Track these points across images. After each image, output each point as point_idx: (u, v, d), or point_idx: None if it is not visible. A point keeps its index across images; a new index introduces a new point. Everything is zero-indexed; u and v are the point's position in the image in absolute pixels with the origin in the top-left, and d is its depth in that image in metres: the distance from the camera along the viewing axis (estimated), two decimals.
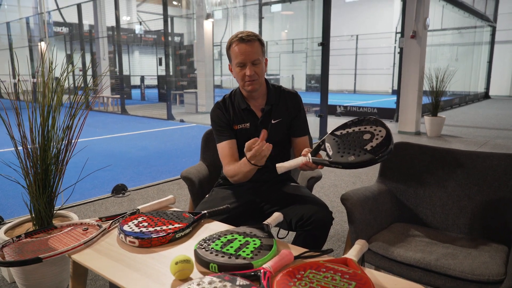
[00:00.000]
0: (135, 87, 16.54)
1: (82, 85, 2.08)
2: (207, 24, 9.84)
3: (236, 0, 12.05)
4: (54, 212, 1.98)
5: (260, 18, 11.27)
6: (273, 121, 1.82)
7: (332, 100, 13.52)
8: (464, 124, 8.49)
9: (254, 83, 1.72)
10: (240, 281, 1.05)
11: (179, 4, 19.30)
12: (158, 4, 9.11)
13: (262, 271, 1.11)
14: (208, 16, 9.65)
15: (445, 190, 1.89)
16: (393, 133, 7.25)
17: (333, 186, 3.91)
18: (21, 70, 2.37)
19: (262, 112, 1.81)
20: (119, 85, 11.02)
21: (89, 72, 11.60)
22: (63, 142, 1.91)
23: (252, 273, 1.11)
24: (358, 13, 19.34)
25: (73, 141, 1.94)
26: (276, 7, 17.43)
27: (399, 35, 7.27)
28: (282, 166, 1.51)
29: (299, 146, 1.85)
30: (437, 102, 6.79)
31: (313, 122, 6.83)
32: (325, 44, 6.11)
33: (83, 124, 1.93)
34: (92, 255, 1.30)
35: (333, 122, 8.71)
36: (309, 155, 1.49)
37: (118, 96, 11.01)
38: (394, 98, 9.16)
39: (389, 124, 8.45)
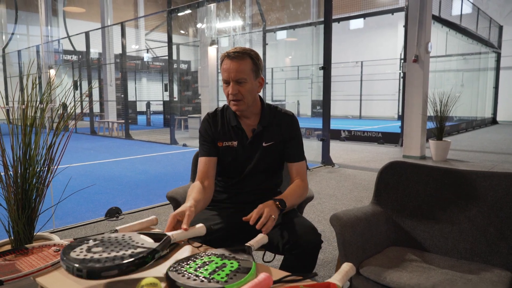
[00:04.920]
0: (141, 113, 16.70)
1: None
2: (211, 51, 9.97)
3: (242, 27, 12.27)
4: (35, 234, 1.90)
5: (264, 44, 11.43)
6: (264, 144, 1.71)
7: (337, 125, 13.53)
8: (471, 149, 8.34)
9: (239, 103, 1.63)
10: None
11: (186, 32, 19.74)
12: (166, 32, 9.28)
13: None
14: (213, 42, 9.80)
15: (443, 212, 1.78)
16: (398, 157, 7.16)
17: (333, 211, 3.79)
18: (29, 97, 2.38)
19: (253, 132, 1.72)
20: (123, 111, 11.11)
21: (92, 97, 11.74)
22: (46, 159, 1.86)
23: None
24: (363, 39, 19.58)
25: (55, 160, 1.88)
26: (281, 34, 17.74)
27: (403, 61, 7.28)
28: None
29: (295, 172, 1.72)
30: (441, 126, 6.69)
31: (316, 146, 6.75)
32: (326, 68, 6.11)
33: (66, 143, 1.88)
34: (58, 278, 1.21)
35: (337, 147, 8.61)
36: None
37: (123, 121, 11.07)
38: (400, 123, 9.09)
39: (394, 149, 8.34)
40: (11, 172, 1.81)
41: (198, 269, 1.19)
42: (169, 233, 1.28)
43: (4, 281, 1.17)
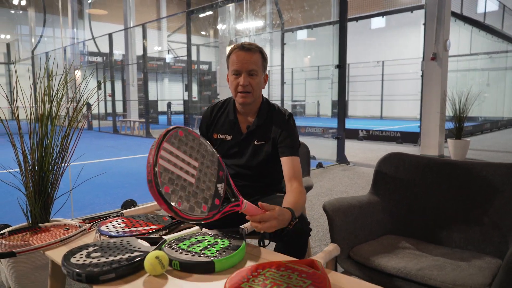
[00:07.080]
0: (163, 113, 17.02)
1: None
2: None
3: (261, 28, 12.37)
4: (50, 219, 2.04)
5: (282, 44, 11.49)
6: (256, 143, 1.72)
7: (357, 125, 13.43)
8: (493, 149, 8.14)
9: (247, 96, 1.63)
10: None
11: (207, 33, 20.00)
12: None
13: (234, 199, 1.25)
14: (231, 42, 9.93)
15: (439, 201, 1.81)
16: None
17: None
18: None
19: (247, 129, 1.73)
20: (144, 110, 11.39)
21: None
22: (62, 148, 1.99)
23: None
24: (384, 39, 19.33)
25: (69, 149, 2.01)
26: (301, 34, 17.72)
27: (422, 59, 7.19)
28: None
29: (287, 168, 1.63)
30: (460, 125, 6.57)
31: (331, 144, 6.77)
32: (341, 66, 6.13)
33: (79, 134, 2.01)
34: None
35: (354, 146, 8.58)
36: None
37: (144, 120, 11.35)
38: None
39: (412, 148, 8.24)
40: (29, 160, 1.95)
41: (191, 246, 1.28)
42: (165, 237, 1.36)
43: (16, 253, 1.29)
